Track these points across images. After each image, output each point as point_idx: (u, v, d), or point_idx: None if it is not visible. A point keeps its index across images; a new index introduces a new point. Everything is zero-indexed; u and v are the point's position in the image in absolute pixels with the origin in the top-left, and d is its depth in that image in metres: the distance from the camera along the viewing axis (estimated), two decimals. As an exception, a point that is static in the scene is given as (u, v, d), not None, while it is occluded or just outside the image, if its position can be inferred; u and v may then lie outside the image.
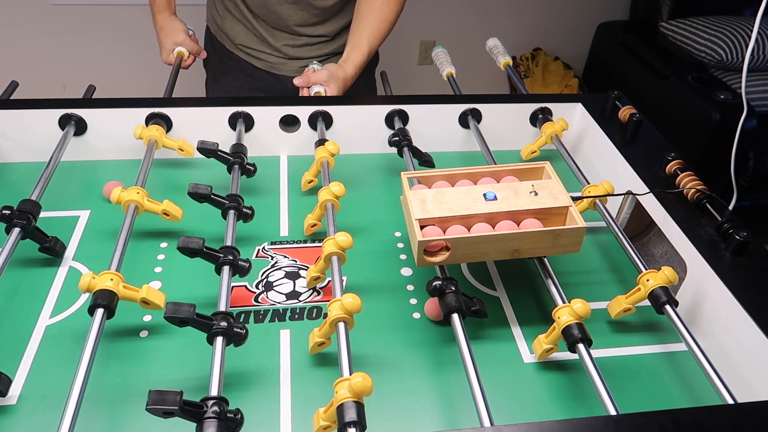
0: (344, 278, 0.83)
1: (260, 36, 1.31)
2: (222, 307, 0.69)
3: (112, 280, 0.70)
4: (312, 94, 1.17)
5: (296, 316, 0.79)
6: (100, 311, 0.67)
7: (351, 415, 0.56)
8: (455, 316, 0.70)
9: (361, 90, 1.36)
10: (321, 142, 0.96)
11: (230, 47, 1.36)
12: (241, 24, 1.32)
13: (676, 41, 2.51)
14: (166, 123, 1.02)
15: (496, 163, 0.96)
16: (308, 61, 1.32)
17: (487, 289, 0.85)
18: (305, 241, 0.90)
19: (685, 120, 2.22)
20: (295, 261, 0.87)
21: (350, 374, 0.60)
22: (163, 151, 1.02)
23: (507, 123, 1.11)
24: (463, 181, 0.82)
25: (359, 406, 0.57)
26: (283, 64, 1.34)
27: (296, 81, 1.18)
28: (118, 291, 0.70)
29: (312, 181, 0.97)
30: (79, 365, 0.61)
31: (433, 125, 1.09)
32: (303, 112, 1.04)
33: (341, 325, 0.66)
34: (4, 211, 0.79)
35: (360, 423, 0.56)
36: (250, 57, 1.34)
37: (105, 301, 0.68)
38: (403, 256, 0.89)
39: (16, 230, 0.78)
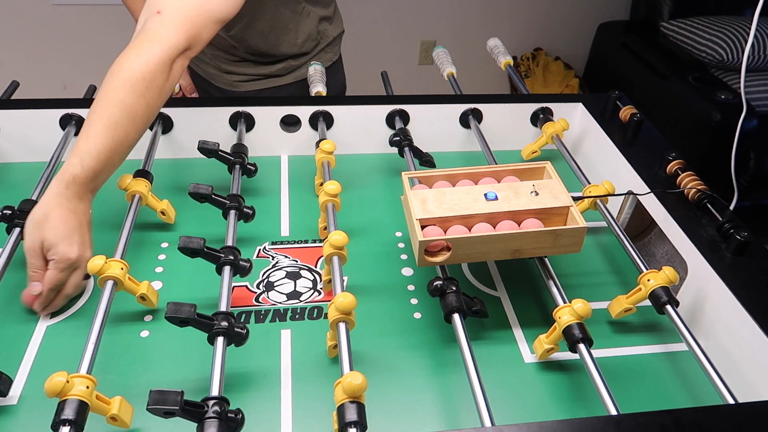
0: (345, 278, 0.83)
1: None
2: (223, 307, 0.69)
3: (122, 269, 0.73)
4: (313, 94, 1.17)
5: (297, 316, 0.79)
6: (109, 284, 0.71)
7: (351, 415, 0.56)
8: (456, 316, 0.70)
9: (336, 83, 1.33)
10: (318, 143, 0.95)
11: None
12: None
13: (677, 41, 2.50)
14: (167, 123, 1.02)
15: (496, 163, 0.96)
16: (242, 76, 1.29)
17: (487, 289, 0.85)
18: (306, 241, 0.90)
19: (686, 120, 2.22)
20: (296, 261, 0.87)
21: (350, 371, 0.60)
22: (163, 150, 1.02)
23: (508, 123, 1.11)
24: (464, 181, 0.82)
25: (359, 406, 0.57)
26: (219, 76, 1.31)
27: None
28: (124, 281, 0.72)
29: (323, 183, 0.97)
30: (80, 366, 0.61)
31: (434, 125, 1.09)
32: (304, 112, 1.04)
33: (341, 325, 0.66)
34: (5, 212, 0.79)
35: (360, 423, 0.56)
36: (194, 64, 1.33)
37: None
38: (403, 256, 0.89)
39: (17, 230, 0.78)
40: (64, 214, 0.74)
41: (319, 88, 1.12)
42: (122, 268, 0.73)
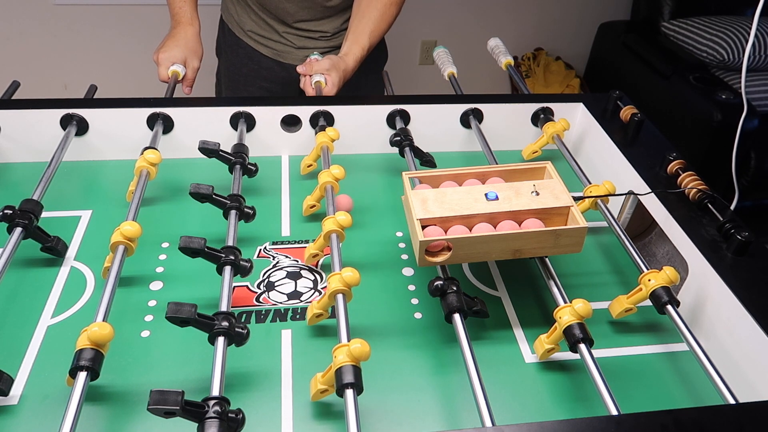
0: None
1: (268, 24, 1.35)
2: (223, 307, 0.69)
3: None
4: (313, 84, 1.17)
5: (297, 316, 0.79)
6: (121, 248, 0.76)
7: (348, 377, 0.59)
8: (457, 316, 0.70)
9: (369, 89, 1.38)
10: (322, 128, 0.99)
11: (240, 34, 1.40)
12: (250, 11, 1.37)
13: (678, 41, 2.50)
14: (167, 123, 1.02)
15: (497, 163, 0.96)
16: (312, 49, 1.36)
17: (488, 289, 0.85)
18: (306, 241, 0.90)
19: (687, 120, 2.22)
20: (297, 261, 0.87)
21: (348, 342, 0.62)
22: (164, 150, 1.02)
23: (508, 123, 1.11)
24: (465, 181, 0.82)
25: (356, 369, 0.60)
26: (289, 53, 1.38)
27: (299, 68, 1.22)
28: (133, 243, 0.78)
29: (311, 165, 1.00)
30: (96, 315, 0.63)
31: (435, 125, 1.09)
32: (304, 112, 1.04)
33: (339, 297, 0.67)
34: (5, 211, 0.79)
35: (357, 384, 0.58)
36: (258, 44, 1.38)
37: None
38: (404, 256, 0.89)
39: (18, 230, 0.78)
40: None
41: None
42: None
